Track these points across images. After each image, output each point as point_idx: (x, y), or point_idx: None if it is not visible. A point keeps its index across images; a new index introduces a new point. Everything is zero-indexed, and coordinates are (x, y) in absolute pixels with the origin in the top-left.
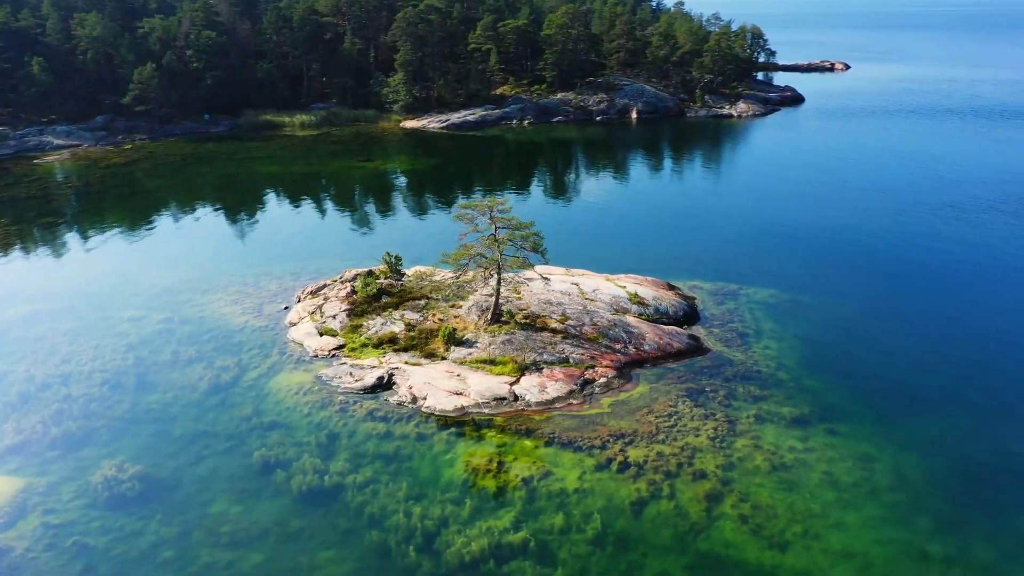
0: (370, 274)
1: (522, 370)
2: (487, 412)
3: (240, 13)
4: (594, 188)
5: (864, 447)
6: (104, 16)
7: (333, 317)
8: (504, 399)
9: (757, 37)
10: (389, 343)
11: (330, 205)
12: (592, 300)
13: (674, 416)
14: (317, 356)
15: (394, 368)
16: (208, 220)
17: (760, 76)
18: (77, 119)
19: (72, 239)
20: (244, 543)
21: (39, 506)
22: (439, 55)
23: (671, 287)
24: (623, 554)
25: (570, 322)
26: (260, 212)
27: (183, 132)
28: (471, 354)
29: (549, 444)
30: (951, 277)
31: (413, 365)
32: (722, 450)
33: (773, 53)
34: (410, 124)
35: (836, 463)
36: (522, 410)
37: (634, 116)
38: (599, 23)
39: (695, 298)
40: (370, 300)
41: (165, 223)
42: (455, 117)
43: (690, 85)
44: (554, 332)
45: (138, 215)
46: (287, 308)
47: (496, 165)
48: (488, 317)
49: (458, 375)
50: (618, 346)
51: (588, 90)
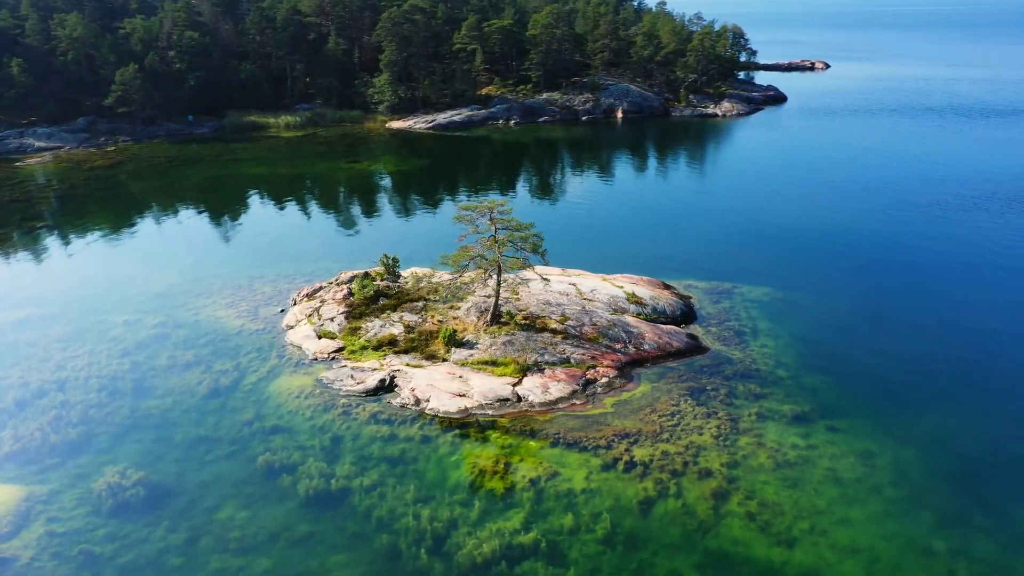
0: (366, 276)
1: (524, 371)
2: (491, 413)
3: (222, 13)
4: (581, 188)
5: (864, 443)
6: (84, 16)
7: (331, 320)
8: (507, 400)
9: (738, 37)
10: (389, 345)
11: (319, 207)
12: (590, 300)
13: (677, 415)
14: (317, 359)
15: (395, 370)
16: (196, 223)
17: (742, 75)
18: (58, 121)
19: (59, 243)
20: (253, 548)
21: (42, 514)
22: (424, 55)
23: (667, 286)
24: (633, 553)
25: (570, 322)
26: (249, 214)
27: (167, 134)
28: (472, 355)
29: (554, 445)
30: (939, 275)
31: (414, 367)
32: (726, 448)
33: (754, 52)
34: (396, 125)
35: (838, 460)
36: (526, 411)
37: (620, 116)
38: (583, 23)
39: (691, 297)
40: (367, 302)
41: (153, 226)
42: (441, 117)
43: (674, 85)
44: (554, 333)
45: (125, 218)
46: (283, 311)
47: (483, 165)
48: (488, 318)
49: (460, 377)
50: (618, 346)
51: (573, 90)
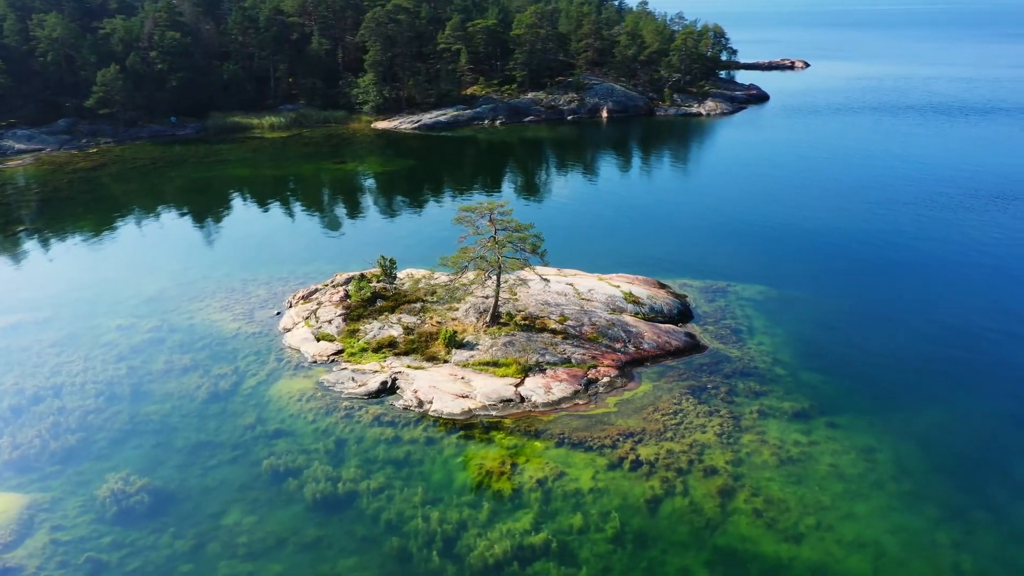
0: (362, 278)
1: (526, 371)
2: (494, 414)
3: (203, 13)
4: (569, 188)
5: (865, 439)
6: (64, 17)
7: (329, 322)
8: (510, 401)
9: (719, 36)
10: (389, 347)
11: (308, 209)
12: (588, 300)
13: (679, 413)
14: (316, 362)
15: (397, 372)
16: (184, 225)
17: (723, 74)
18: (38, 123)
19: (46, 247)
20: (262, 554)
21: (46, 522)
22: (408, 55)
23: (662, 285)
24: (643, 552)
25: (569, 322)
26: (238, 217)
27: (149, 135)
28: (473, 356)
29: (560, 445)
30: (925, 272)
31: (416, 369)
32: (730, 446)
33: (734, 52)
34: (381, 125)
35: (840, 455)
36: (529, 411)
37: (605, 115)
38: (566, 22)
39: (686, 296)
40: (365, 304)
41: (140, 229)
42: (427, 117)
43: (658, 84)
44: (554, 333)
45: (111, 221)
46: (279, 313)
47: (470, 166)
48: (487, 319)
49: (462, 378)
50: (618, 345)
51: (558, 90)
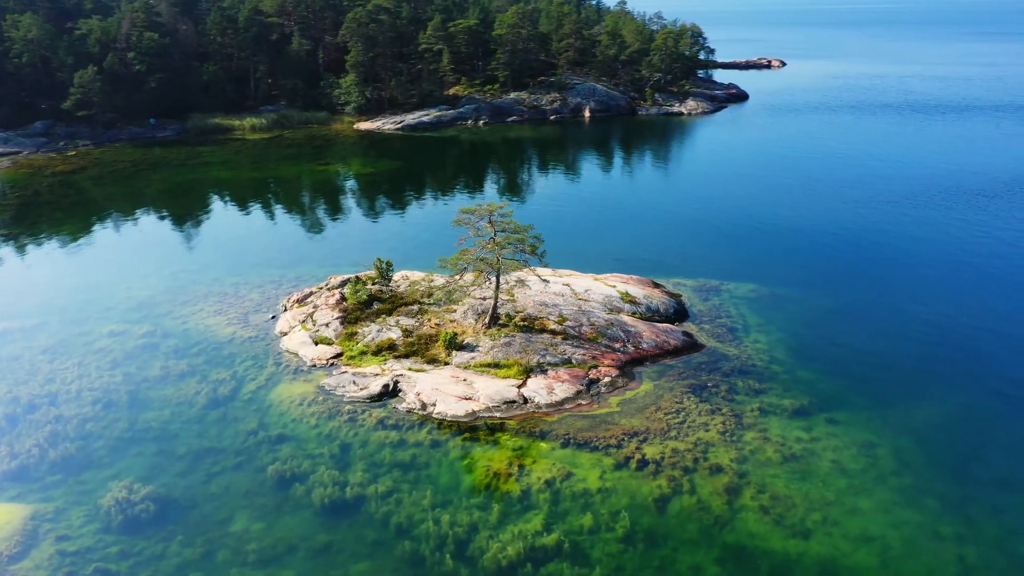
0: (358, 280)
1: (527, 372)
2: (498, 416)
3: (180, 13)
4: (553, 187)
5: (864, 434)
6: (38, 17)
7: (326, 325)
8: (514, 402)
9: (697, 35)
10: (388, 350)
11: (294, 211)
12: (586, 300)
13: (682, 412)
14: (315, 365)
15: (398, 375)
16: (170, 229)
17: (702, 74)
18: (14, 125)
19: (30, 252)
20: (272, 560)
21: (50, 533)
22: (390, 55)
23: (656, 285)
24: (654, 550)
25: (568, 323)
26: (224, 220)
27: (129, 137)
28: (474, 358)
29: (565, 445)
30: (911, 268)
31: (417, 371)
32: (733, 444)
33: (712, 51)
34: (364, 126)
35: (841, 451)
36: (533, 412)
37: (587, 115)
38: (547, 22)
39: (681, 295)
40: (361, 307)
41: (125, 233)
42: (410, 118)
43: (639, 84)
44: (553, 333)
45: (96, 225)
46: (274, 317)
47: (454, 166)
48: (486, 321)
49: (464, 380)
50: (617, 345)
51: (541, 89)
